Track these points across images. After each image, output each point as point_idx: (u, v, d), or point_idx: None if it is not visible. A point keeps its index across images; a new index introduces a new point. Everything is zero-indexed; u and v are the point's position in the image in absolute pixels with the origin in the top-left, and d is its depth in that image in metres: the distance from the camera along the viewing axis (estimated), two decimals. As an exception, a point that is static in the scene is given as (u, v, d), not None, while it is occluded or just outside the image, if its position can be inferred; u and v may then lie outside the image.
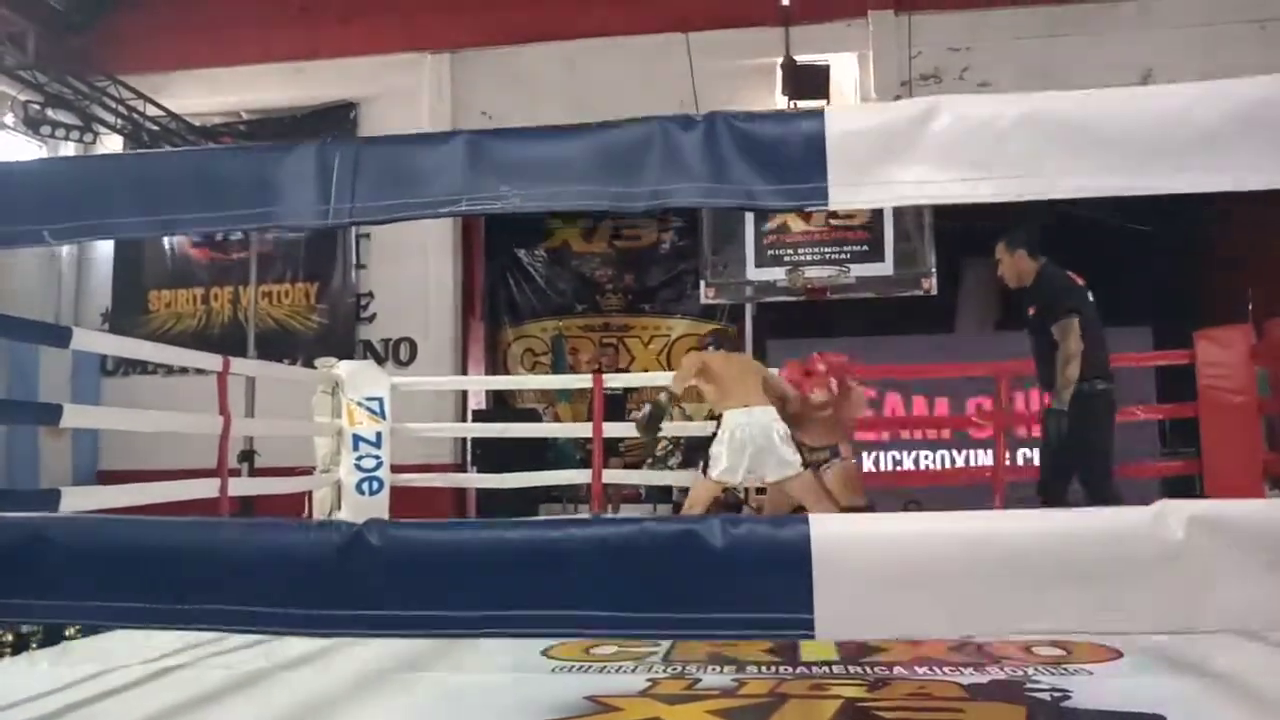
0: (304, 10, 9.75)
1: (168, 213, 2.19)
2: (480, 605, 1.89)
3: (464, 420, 9.66)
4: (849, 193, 1.95)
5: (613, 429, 6.77)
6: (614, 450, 8.52)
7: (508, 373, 11.27)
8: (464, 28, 9.68)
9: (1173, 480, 8.26)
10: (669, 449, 11.11)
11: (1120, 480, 4.27)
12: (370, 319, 9.98)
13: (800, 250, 8.62)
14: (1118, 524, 1.88)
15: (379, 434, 5.85)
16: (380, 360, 9.46)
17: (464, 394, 9.96)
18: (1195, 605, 1.78)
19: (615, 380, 7.38)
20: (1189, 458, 6.82)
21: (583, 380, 7.68)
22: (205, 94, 9.86)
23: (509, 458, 7.62)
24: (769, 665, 3.02)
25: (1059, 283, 4.21)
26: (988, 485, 6.43)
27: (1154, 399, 7.46)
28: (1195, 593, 1.78)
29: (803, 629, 1.83)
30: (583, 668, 3.04)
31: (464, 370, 10.09)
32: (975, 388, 7.94)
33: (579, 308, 11.52)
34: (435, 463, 8.70)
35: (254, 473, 7.85)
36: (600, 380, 6.40)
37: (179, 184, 2.22)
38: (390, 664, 3.12)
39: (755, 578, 1.84)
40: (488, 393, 10.54)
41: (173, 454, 6.39)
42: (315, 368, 6.18)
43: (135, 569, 1.97)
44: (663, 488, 9.52)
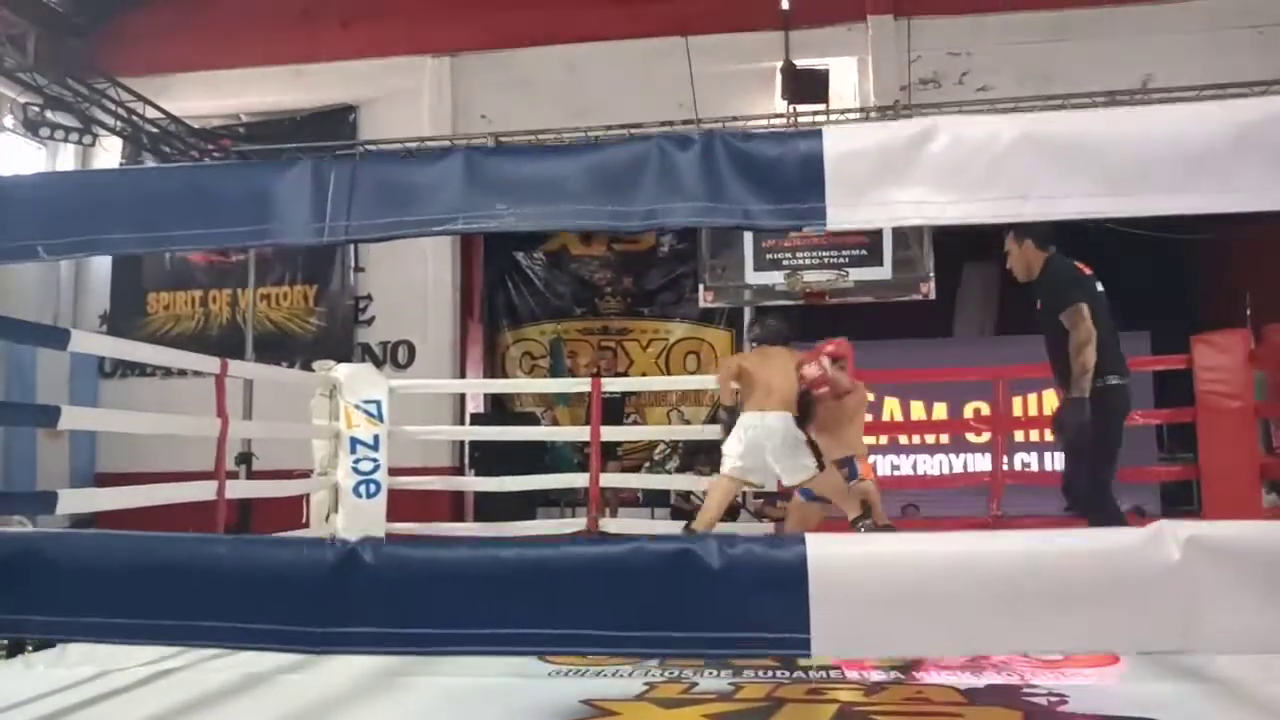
0: (305, 13, 9.76)
1: (163, 229, 2.20)
2: (474, 623, 1.90)
3: (462, 423, 9.66)
4: (847, 213, 1.95)
5: (610, 433, 6.77)
6: (612, 454, 8.52)
7: (506, 376, 11.27)
8: (464, 31, 9.68)
9: (1171, 485, 8.28)
10: (666, 453, 11.12)
11: (1119, 485, 4.13)
12: (369, 322, 9.99)
13: (799, 254, 8.62)
14: (1114, 545, 1.89)
15: (377, 437, 5.84)
16: (378, 363, 9.47)
17: (462, 397, 9.96)
18: (1190, 627, 1.79)
19: (613, 384, 7.37)
20: (1187, 462, 6.83)
21: (581, 384, 7.68)
22: (205, 96, 9.86)
23: (507, 461, 7.62)
24: (765, 669, 3.03)
25: (1066, 273, 4.05)
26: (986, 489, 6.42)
27: (1152, 403, 7.47)
28: (1190, 614, 1.78)
29: (799, 648, 1.85)
30: (579, 672, 3.05)
31: (462, 373, 10.09)
32: (973, 392, 7.94)
33: (578, 311, 11.52)
34: (433, 466, 8.70)
35: (251, 475, 7.85)
36: (599, 384, 6.40)
37: (175, 200, 2.22)
38: (387, 667, 3.12)
39: (752, 597, 1.85)
40: (486, 396, 10.54)
41: (170, 456, 6.38)
42: (313, 370, 6.16)
43: (130, 586, 1.97)
44: (661, 491, 9.53)
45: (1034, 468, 8.94)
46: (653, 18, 9.21)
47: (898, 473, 9.42)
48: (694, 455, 10.47)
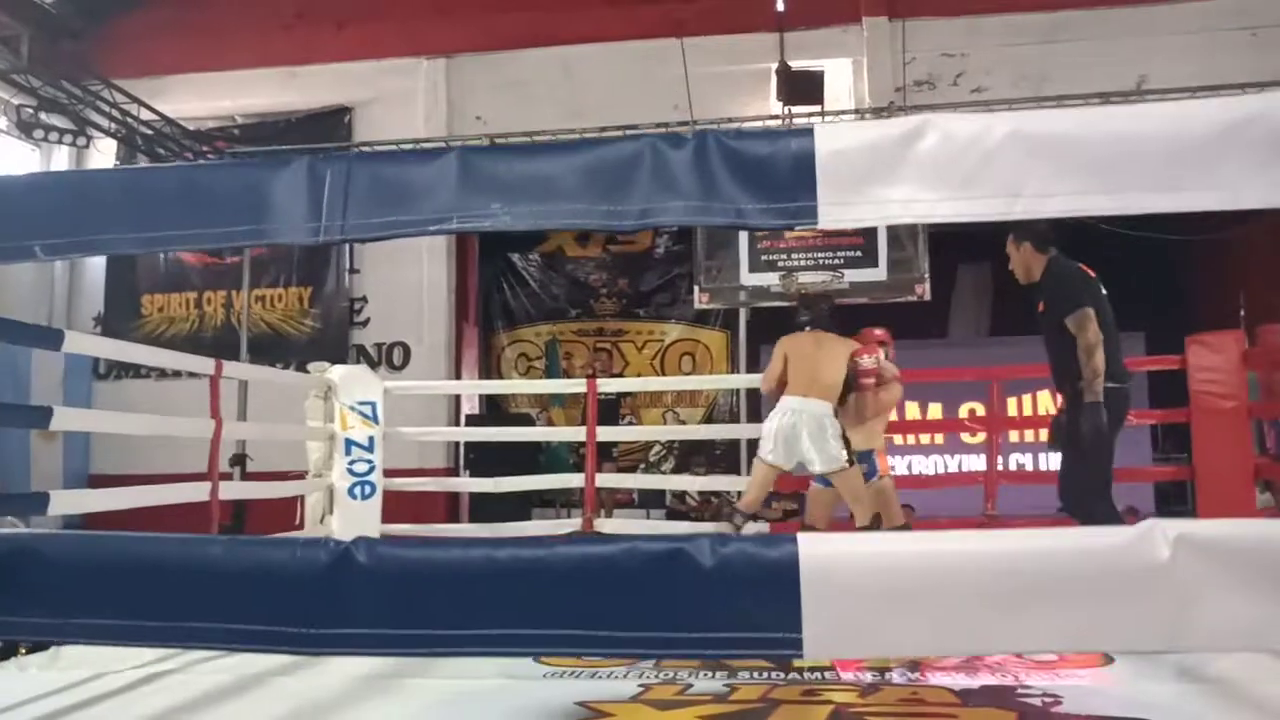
0: (300, 15, 9.75)
1: (159, 229, 2.18)
2: (468, 624, 1.89)
3: (457, 425, 9.65)
4: (838, 211, 1.95)
5: (606, 433, 6.76)
6: (607, 455, 8.52)
7: (501, 377, 11.27)
8: (460, 33, 9.68)
9: (1165, 485, 8.30)
10: (662, 454, 11.13)
11: (1114, 485, 4.07)
12: (364, 323, 9.97)
13: (794, 255, 8.63)
14: (1104, 543, 1.89)
15: (371, 438, 5.84)
16: (373, 365, 9.45)
17: (457, 398, 9.95)
18: (1181, 625, 1.79)
19: (609, 384, 7.37)
20: (1181, 462, 6.84)
21: (576, 385, 7.68)
22: (200, 98, 9.84)
23: (502, 462, 7.61)
24: (761, 671, 3.03)
25: (1069, 276, 3.93)
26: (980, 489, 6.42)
27: (1147, 404, 7.49)
28: (1181, 612, 1.78)
29: (791, 648, 1.84)
30: (574, 673, 3.04)
31: (457, 375, 10.08)
32: (968, 393, 7.95)
33: (573, 312, 11.53)
34: (428, 467, 8.69)
35: (246, 477, 7.83)
36: (594, 385, 6.40)
37: (170, 199, 2.21)
38: (382, 669, 3.12)
39: (744, 597, 1.85)
40: (481, 397, 10.53)
41: (164, 458, 6.36)
42: (308, 372, 6.15)
43: (122, 587, 1.97)
44: (656, 492, 9.53)
45: (1029, 467, 8.96)
46: (648, 19, 9.22)
47: (893, 472, 9.40)
48: (689, 456, 10.50)
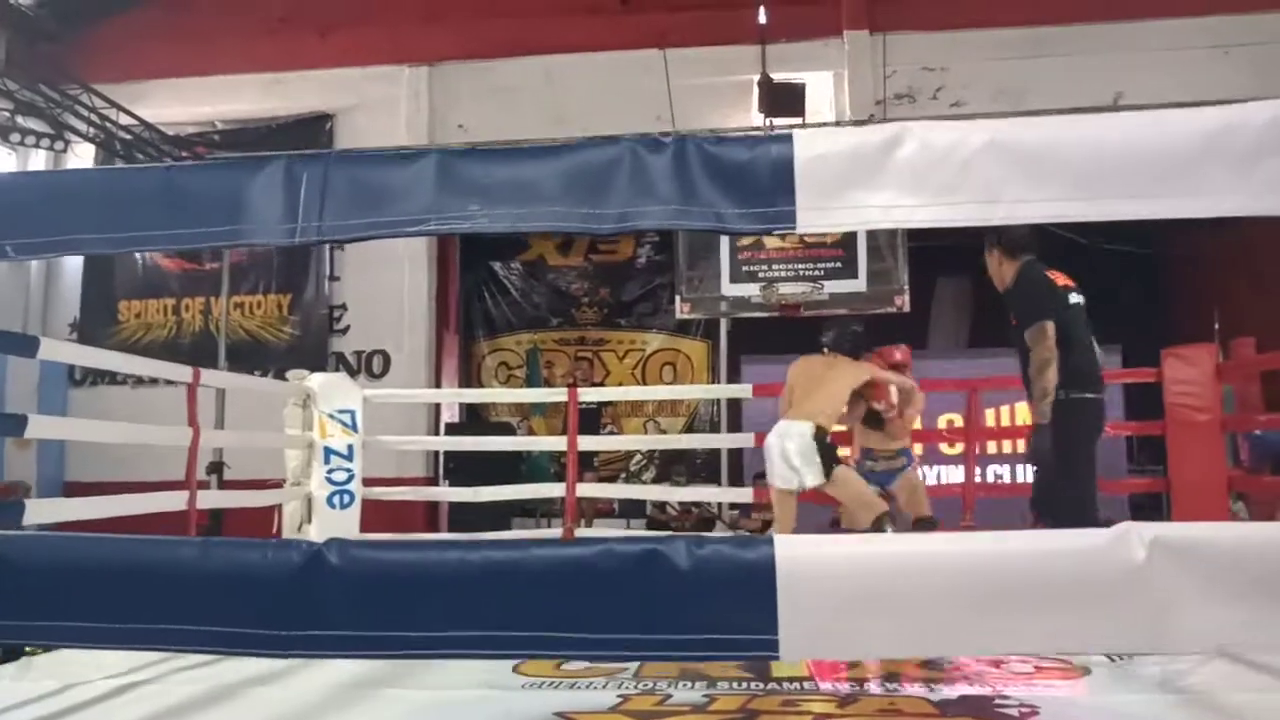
0: (283, 21, 9.71)
1: (134, 229, 2.17)
2: (442, 626, 1.88)
3: (437, 433, 9.61)
4: (816, 216, 1.97)
5: (587, 443, 6.75)
6: (588, 464, 8.51)
7: (481, 386, 11.23)
8: (443, 41, 9.67)
9: (1140, 496, 8.36)
10: (642, 463, 11.12)
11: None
12: (343, 331, 9.91)
13: (775, 266, 8.67)
14: (1080, 545, 1.90)
15: (351, 447, 5.80)
16: (353, 373, 9.41)
17: (437, 407, 9.91)
18: (1157, 627, 1.81)
19: (590, 394, 7.36)
20: (1156, 474, 6.89)
21: (557, 394, 7.66)
22: (180, 103, 9.78)
23: (482, 471, 7.58)
24: (740, 681, 3.02)
25: (1035, 285, 3.84)
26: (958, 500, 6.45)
27: (1123, 416, 7.55)
28: (1157, 614, 1.80)
29: (767, 650, 1.84)
30: (553, 684, 3.02)
31: (437, 383, 10.04)
32: (947, 404, 7.99)
33: (554, 321, 11.52)
34: (407, 476, 8.65)
35: (223, 485, 7.76)
36: (575, 395, 6.40)
37: (146, 200, 2.20)
38: (358, 680, 3.09)
39: (720, 598, 1.85)
40: (461, 406, 10.49)
41: (141, 466, 6.31)
42: (287, 380, 6.11)
43: (93, 588, 1.94)
44: (637, 502, 9.51)
45: (1006, 479, 9.00)
46: (631, 30, 9.25)
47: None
48: (671, 465, 10.50)
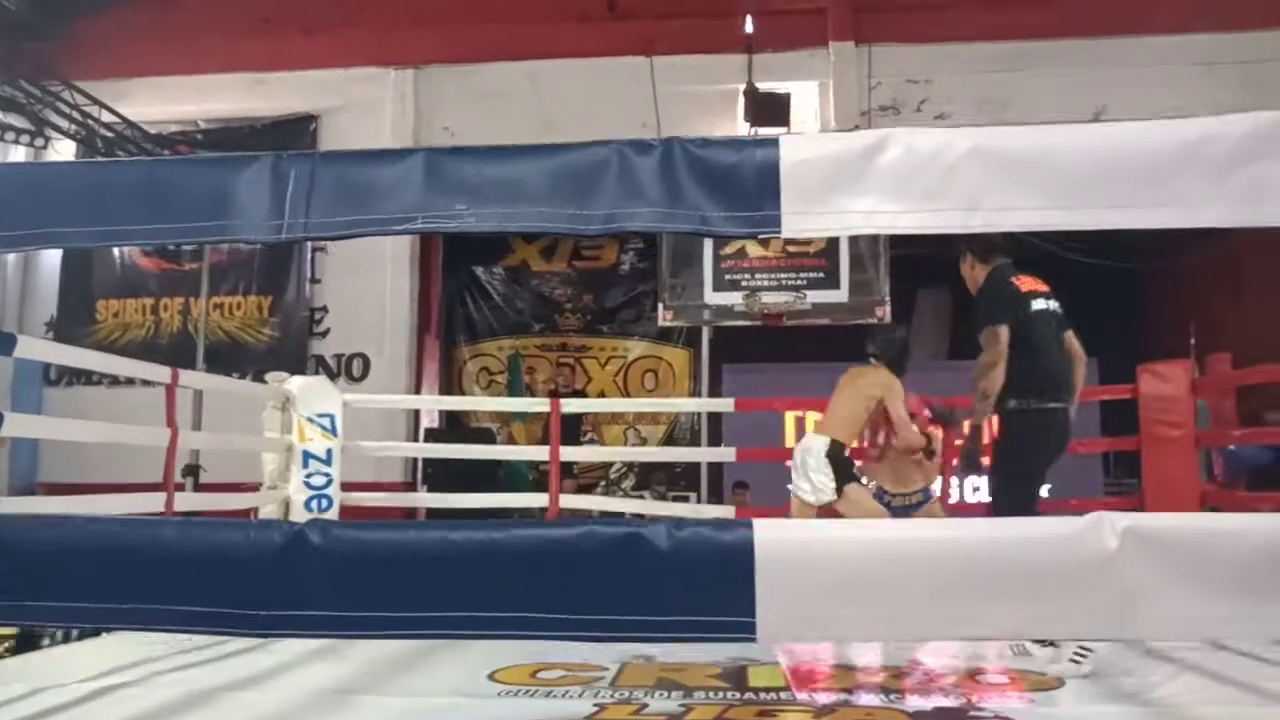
0: (268, 21, 9.67)
1: (116, 223, 2.15)
2: (422, 606, 1.89)
3: (416, 438, 9.57)
4: (801, 221, 1.98)
5: (569, 453, 6.74)
6: (568, 472, 8.48)
7: (462, 391, 11.19)
8: (429, 43, 9.66)
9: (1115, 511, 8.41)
10: (622, 471, 11.10)
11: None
12: (324, 334, 9.86)
13: (757, 275, 8.69)
14: (1053, 533, 1.93)
15: (329, 451, 5.76)
16: (333, 376, 9.35)
17: (417, 412, 9.87)
18: (1128, 614, 1.84)
19: (571, 404, 7.35)
20: (1131, 490, 6.95)
21: (539, 404, 7.65)
22: (163, 102, 9.72)
23: (461, 478, 7.55)
24: (716, 690, 3.02)
25: (997, 290, 3.83)
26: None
27: (1099, 432, 7.60)
28: (1128, 602, 1.83)
29: (744, 632, 1.85)
30: (529, 692, 3.01)
31: (418, 388, 9.99)
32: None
33: (536, 327, 11.50)
34: (386, 481, 8.60)
35: (199, 488, 7.69)
36: (558, 404, 6.39)
37: (129, 194, 2.18)
38: (336, 686, 3.07)
39: (699, 581, 1.87)
40: (441, 411, 10.45)
41: (116, 467, 6.24)
42: (266, 382, 6.06)
43: (73, 569, 1.93)
44: (616, 511, 9.48)
45: (983, 492, 9.04)
46: (618, 37, 9.27)
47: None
48: (651, 473, 10.48)
